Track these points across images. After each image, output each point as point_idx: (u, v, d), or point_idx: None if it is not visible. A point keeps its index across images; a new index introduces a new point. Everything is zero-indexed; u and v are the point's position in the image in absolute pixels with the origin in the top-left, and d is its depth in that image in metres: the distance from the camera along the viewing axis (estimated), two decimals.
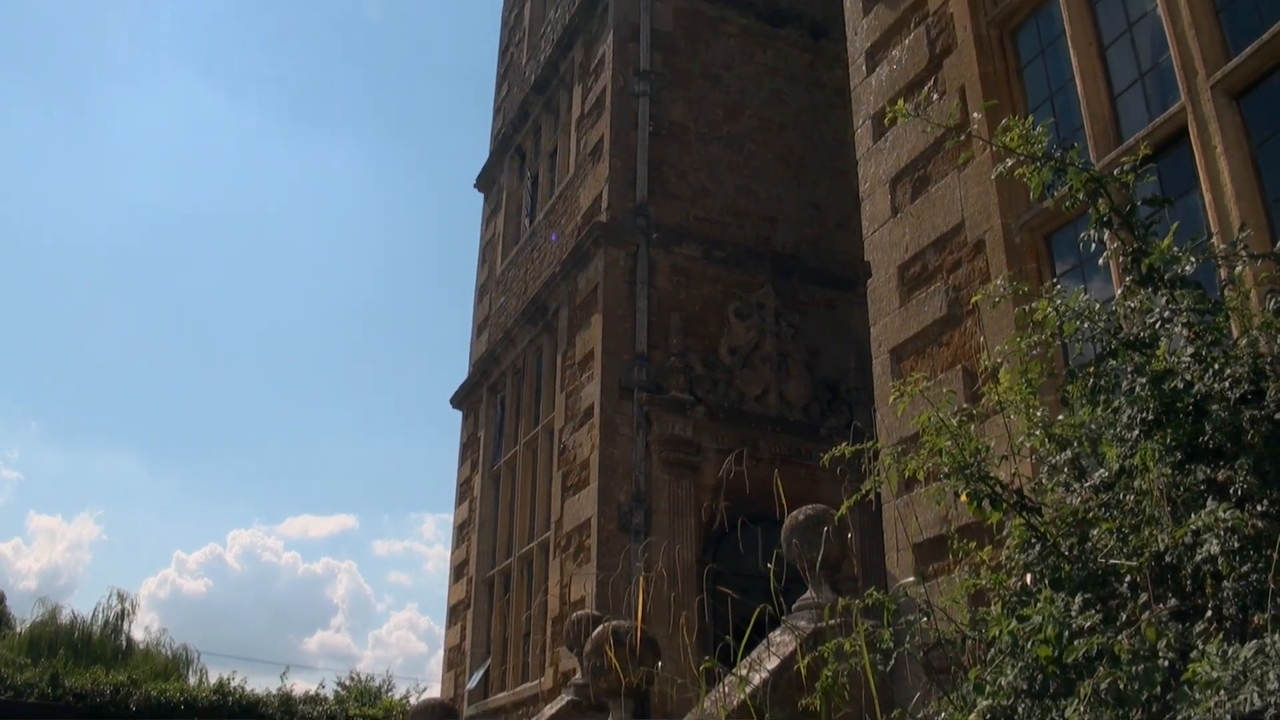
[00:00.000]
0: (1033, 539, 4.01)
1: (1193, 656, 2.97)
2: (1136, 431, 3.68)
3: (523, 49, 20.97)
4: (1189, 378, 3.59)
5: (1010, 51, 8.03)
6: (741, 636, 4.75)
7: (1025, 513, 4.10)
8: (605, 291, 14.15)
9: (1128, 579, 3.56)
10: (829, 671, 4.42)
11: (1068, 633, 3.38)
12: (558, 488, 14.43)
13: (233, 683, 23.65)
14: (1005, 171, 4.39)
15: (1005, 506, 4.18)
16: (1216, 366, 3.51)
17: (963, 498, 4.20)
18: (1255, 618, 3.12)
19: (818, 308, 15.20)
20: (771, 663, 6.92)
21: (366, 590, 77.02)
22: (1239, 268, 3.94)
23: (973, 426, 4.52)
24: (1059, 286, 4.50)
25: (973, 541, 4.67)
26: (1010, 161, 4.35)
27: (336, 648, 66.38)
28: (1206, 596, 3.29)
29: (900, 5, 8.96)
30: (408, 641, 67.10)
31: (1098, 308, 4.12)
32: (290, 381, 75.22)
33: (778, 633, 7.35)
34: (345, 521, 79.96)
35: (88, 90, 67.50)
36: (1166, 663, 3.12)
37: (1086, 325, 4.00)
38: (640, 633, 8.01)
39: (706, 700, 6.25)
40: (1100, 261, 4.29)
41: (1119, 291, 4.26)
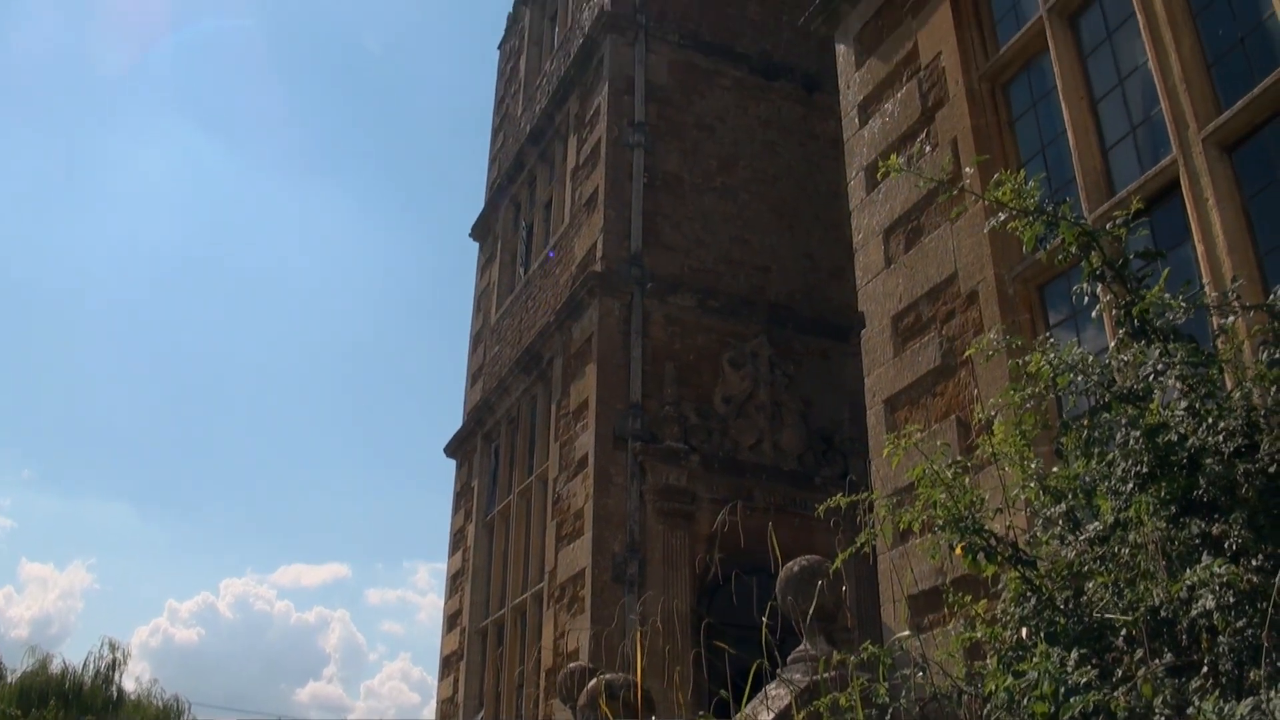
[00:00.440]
0: (1028, 592, 4.00)
1: (1189, 713, 2.96)
2: (1131, 485, 3.67)
3: (518, 100, 21.11)
4: (1183, 430, 3.59)
5: (1002, 105, 8.09)
6: (736, 689, 4.72)
7: (1020, 566, 4.09)
8: (600, 341, 14.16)
9: (1124, 633, 3.54)
10: None
11: (1064, 689, 3.36)
12: (552, 538, 14.37)
13: None
14: (998, 225, 4.41)
15: (1000, 559, 4.17)
16: (1210, 420, 3.52)
17: (957, 551, 4.19)
18: (1251, 674, 3.11)
19: (812, 357, 15.21)
20: (767, 717, 6.86)
21: (359, 640, 76.49)
22: (1231, 319, 3.95)
23: (967, 479, 4.51)
24: (1052, 340, 4.51)
25: (968, 595, 4.66)
26: (1003, 216, 4.37)
27: (329, 698, 65.81)
28: (1203, 652, 3.28)
29: (893, 59, 9.03)
30: (400, 693, 66.56)
31: (1091, 360, 4.12)
32: (284, 429, 75.10)
33: (772, 686, 7.29)
34: (338, 570, 79.57)
35: (84, 139, 67.86)
36: (1163, 719, 3.10)
37: (1080, 378, 4.00)
38: (637, 687, 7.94)
39: None
40: (1093, 314, 4.30)
41: (1112, 344, 4.27)
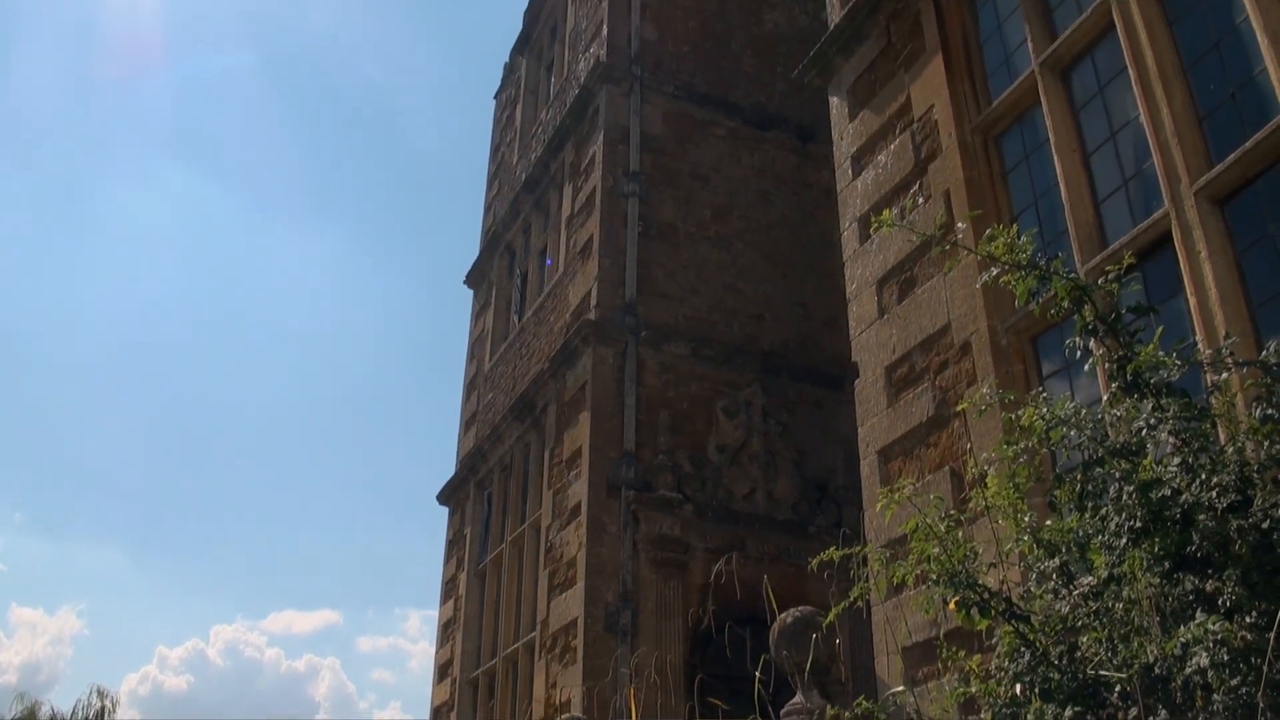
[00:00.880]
0: (1022, 647, 3.98)
1: None
2: (1124, 540, 3.66)
3: (514, 148, 21.22)
4: (1176, 485, 3.58)
5: (995, 157, 8.14)
6: None
7: (1014, 620, 4.07)
8: (594, 389, 14.16)
9: (1118, 690, 3.52)
10: None
11: None
12: (544, 587, 14.29)
13: None
14: (990, 280, 4.43)
15: (994, 614, 4.15)
16: (1203, 475, 3.51)
17: (951, 605, 4.17)
18: None
19: (805, 406, 15.20)
20: None
21: (349, 688, 75.67)
22: (1225, 375, 3.96)
23: (960, 532, 4.50)
24: (1044, 393, 4.51)
25: (962, 649, 4.63)
26: (995, 270, 4.39)
27: None
28: (1197, 710, 3.26)
29: (886, 111, 9.10)
30: None
31: (1084, 413, 4.12)
32: (276, 475, 74.82)
33: None
34: (329, 617, 78.98)
35: (80, 181, 68.03)
36: None
37: (1073, 433, 4.00)
38: None
39: None
40: (1086, 368, 4.31)
41: (1105, 397, 4.27)
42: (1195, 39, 6.65)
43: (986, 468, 4.71)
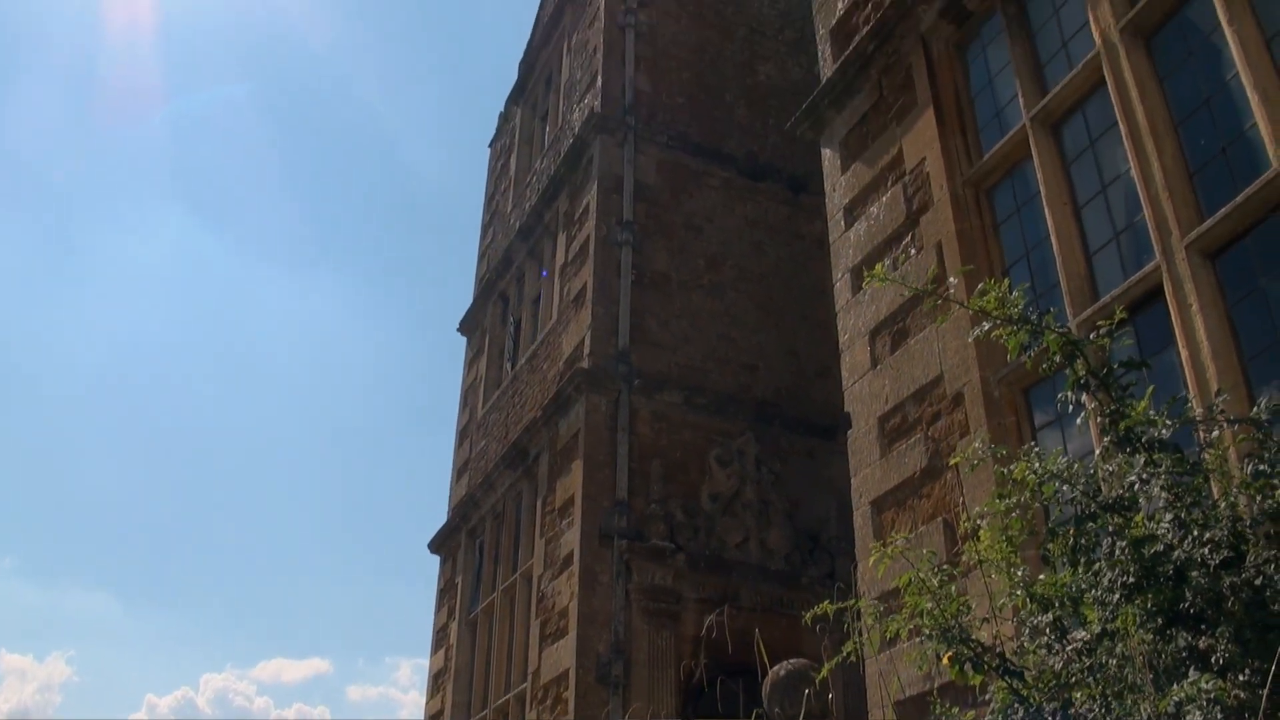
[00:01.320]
0: (1015, 703, 3.96)
1: None
2: (1118, 595, 3.66)
3: (508, 197, 21.32)
4: (1169, 541, 3.58)
5: (986, 209, 8.18)
6: None
7: (1008, 676, 4.05)
8: (586, 438, 14.14)
9: None
10: None
11: None
12: (535, 637, 14.20)
13: None
14: (982, 334, 4.44)
15: (987, 669, 4.14)
16: (1196, 531, 3.51)
17: (944, 660, 4.15)
18: None
19: (798, 455, 15.19)
20: None
21: None
22: (1216, 432, 3.96)
23: (954, 586, 4.48)
24: (1036, 448, 4.51)
25: (956, 705, 4.61)
26: (987, 325, 4.40)
27: None
28: None
29: (878, 164, 9.16)
30: None
31: (1076, 468, 4.12)
32: (266, 521, 74.42)
33: None
34: (319, 665, 78.33)
35: (76, 227, 68.11)
36: None
37: (1065, 488, 4.00)
38: None
39: None
40: (1078, 422, 4.32)
41: (1097, 451, 4.27)
42: (1186, 95, 6.71)
43: (979, 522, 4.70)
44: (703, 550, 13.89)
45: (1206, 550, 3.48)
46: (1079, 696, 3.76)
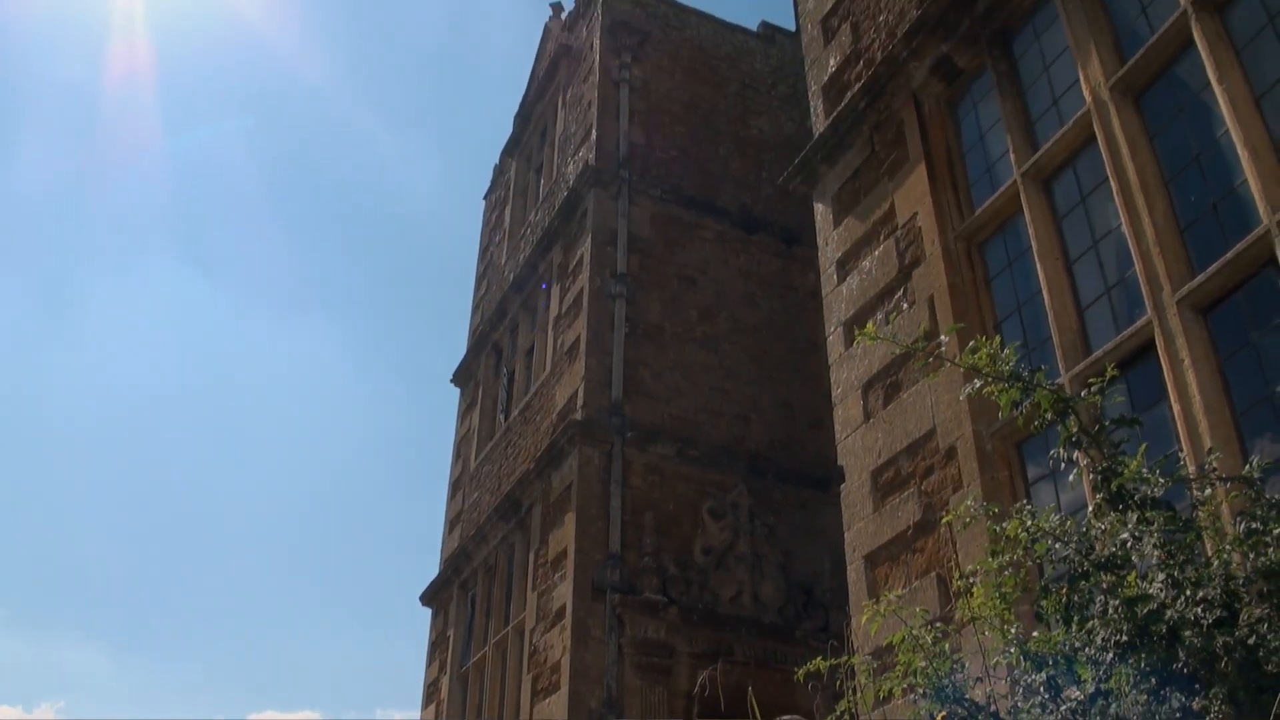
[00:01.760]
0: None
1: None
2: (1111, 655, 3.64)
3: (502, 249, 21.39)
4: (1163, 599, 3.57)
5: (978, 263, 8.21)
6: None
7: None
8: (579, 490, 14.09)
9: None
10: None
11: None
12: (527, 692, 14.08)
13: None
14: (974, 392, 4.45)
15: None
16: (1189, 591, 3.50)
17: (939, 719, 4.12)
18: None
19: (791, 508, 15.14)
20: None
21: None
22: (1208, 491, 3.95)
23: (948, 644, 4.46)
24: (1029, 505, 4.50)
25: None
26: (979, 382, 4.41)
27: None
28: None
29: (870, 218, 9.20)
30: None
31: (1068, 523, 4.11)
32: (257, 572, 73.92)
33: None
34: (310, 717, 77.57)
35: (70, 280, 68.14)
36: None
37: (1058, 545, 3.99)
38: None
39: None
40: (1070, 479, 4.32)
41: (1090, 508, 4.27)
42: (1176, 151, 6.76)
43: (972, 580, 4.68)
44: (696, 604, 13.81)
45: (1200, 610, 3.46)
46: None
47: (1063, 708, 3.93)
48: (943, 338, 7.24)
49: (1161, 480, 3.84)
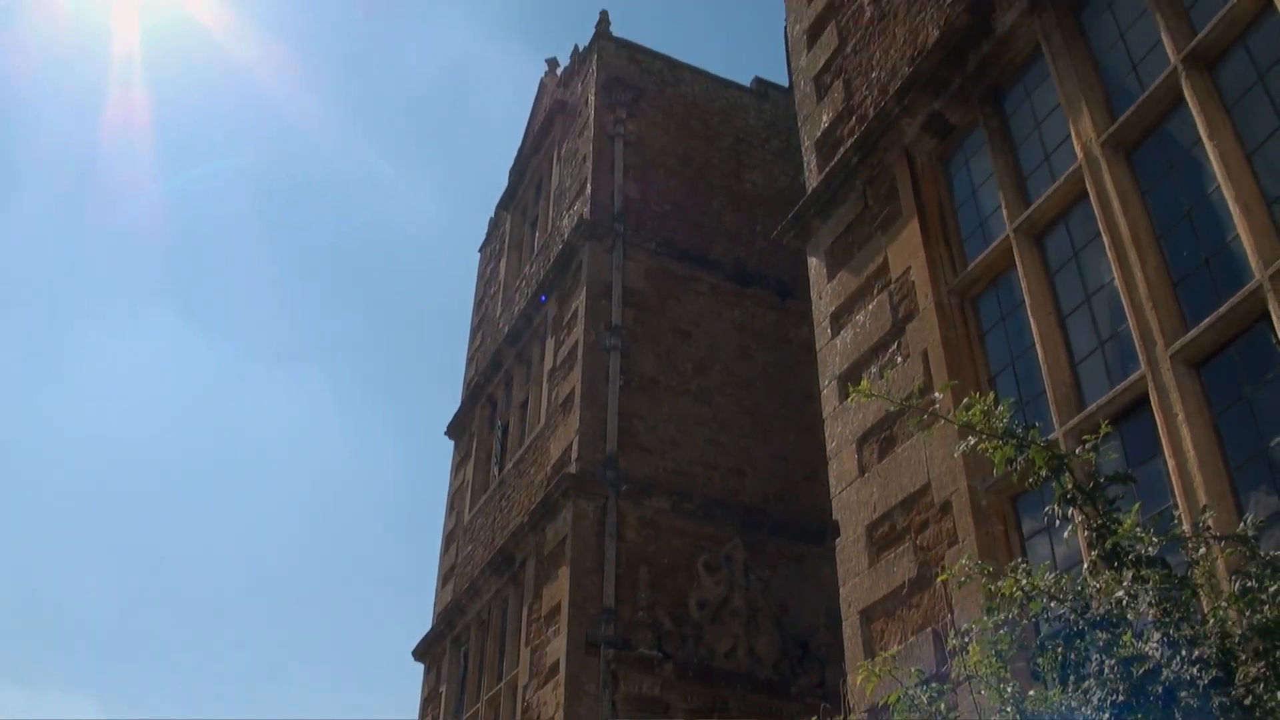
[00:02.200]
0: None
1: None
2: (1108, 715, 3.61)
3: (497, 301, 21.44)
4: (1159, 659, 3.54)
5: (971, 318, 8.22)
6: None
7: None
8: (573, 544, 14.03)
9: None
10: None
11: None
12: None
13: None
14: (968, 449, 4.44)
15: None
16: (1185, 650, 3.48)
17: None
18: None
19: (786, 561, 15.08)
20: None
21: None
22: (1202, 550, 3.94)
23: (943, 703, 4.42)
24: (1024, 564, 4.48)
25: None
26: (973, 439, 4.40)
27: None
28: None
29: (863, 272, 9.22)
30: None
31: (1064, 581, 4.09)
32: (247, 627, 73.42)
33: None
34: None
35: (64, 329, 68.10)
36: None
37: (1053, 604, 3.97)
38: None
39: None
40: (1065, 535, 4.31)
41: (1085, 565, 4.25)
42: (1168, 207, 6.78)
43: (968, 639, 4.65)
44: (691, 659, 13.72)
45: (1196, 669, 3.44)
46: None
47: None
48: (936, 395, 7.23)
49: (1156, 539, 3.83)
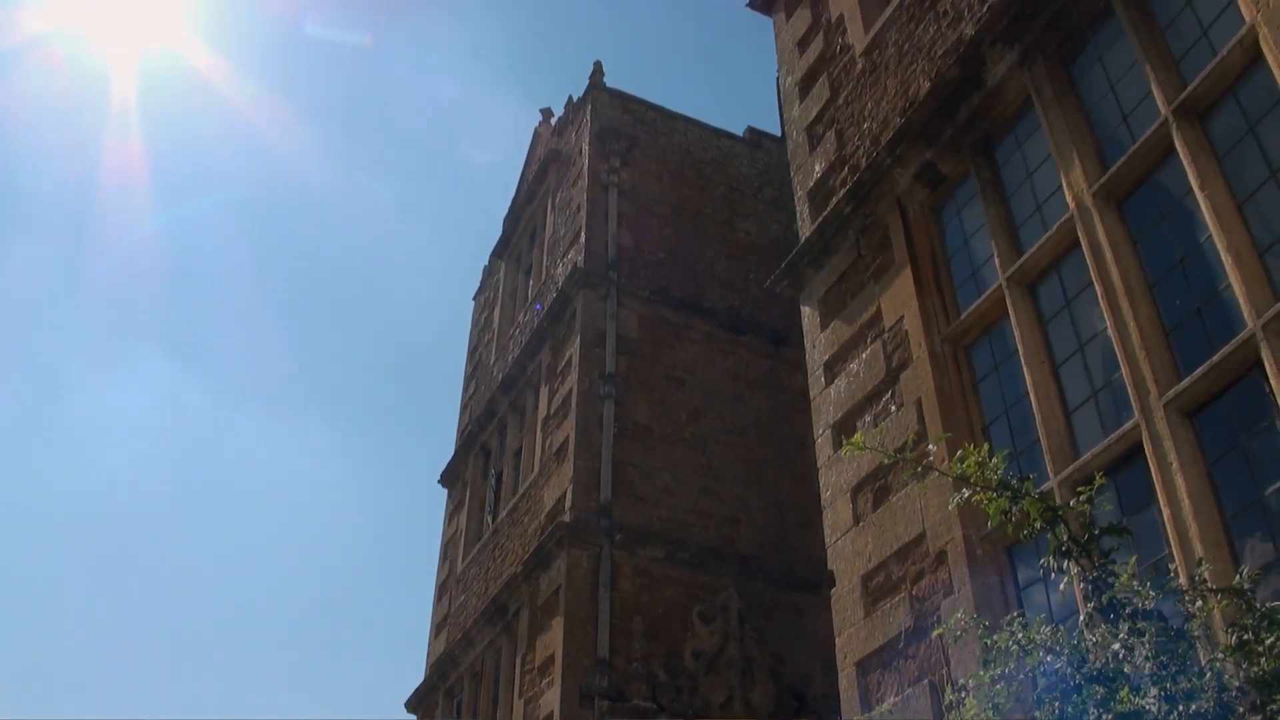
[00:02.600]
0: None
1: None
2: None
3: (491, 349, 21.44)
4: (1156, 715, 3.52)
5: (965, 367, 8.23)
6: None
7: None
8: (567, 593, 13.94)
9: None
10: None
11: None
12: None
13: None
14: (962, 501, 4.43)
15: None
16: (1181, 706, 3.45)
17: None
18: None
19: (782, 610, 14.98)
20: None
21: None
22: (1199, 603, 3.92)
23: None
24: (1021, 617, 4.46)
25: None
26: (967, 491, 4.39)
27: None
28: None
29: (857, 321, 9.24)
30: None
31: (1059, 634, 4.07)
32: (240, 677, 72.84)
33: None
34: None
35: (59, 376, 67.98)
36: None
37: (1050, 658, 3.95)
38: None
39: None
40: (1060, 587, 4.29)
41: (1081, 618, 4.22)
42: (1160, 256, 6.82)
43: (964, 694, 4.61)
44: (686, 710, 13.58)
45: None
46: None
47: None
48: (930, 448, 7.22)
49: (1152, 593, 3.81)
